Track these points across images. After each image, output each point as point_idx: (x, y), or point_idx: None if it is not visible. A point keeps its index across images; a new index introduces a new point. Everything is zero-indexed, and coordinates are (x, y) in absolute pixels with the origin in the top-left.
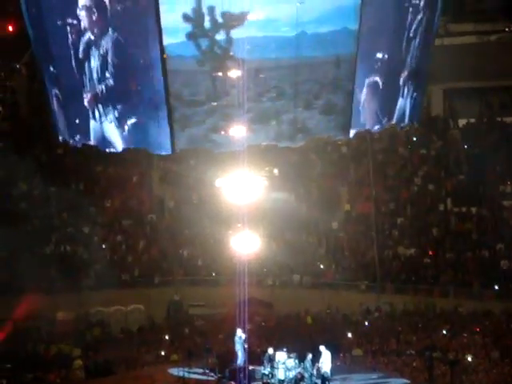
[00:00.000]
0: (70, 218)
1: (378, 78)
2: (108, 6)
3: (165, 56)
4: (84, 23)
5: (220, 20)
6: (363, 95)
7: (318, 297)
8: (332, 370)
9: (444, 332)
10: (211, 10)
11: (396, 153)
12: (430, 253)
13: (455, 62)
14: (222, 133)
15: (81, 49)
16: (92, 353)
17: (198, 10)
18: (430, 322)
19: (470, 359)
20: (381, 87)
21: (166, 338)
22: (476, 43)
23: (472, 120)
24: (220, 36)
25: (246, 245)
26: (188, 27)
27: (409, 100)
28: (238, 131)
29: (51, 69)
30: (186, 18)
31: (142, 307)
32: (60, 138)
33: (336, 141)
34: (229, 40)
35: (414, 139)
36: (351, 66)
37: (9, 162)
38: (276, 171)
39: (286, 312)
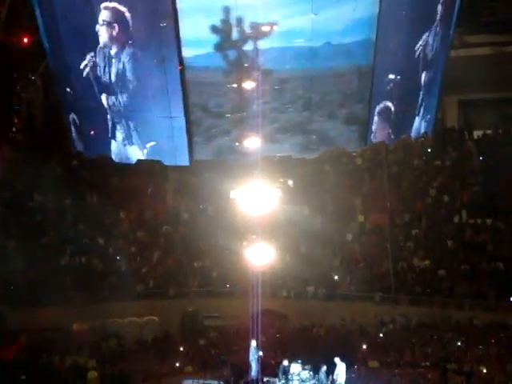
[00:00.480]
0: (85, 230)
1: (389, 104)
2: (129, 20)
3: (180, 67)
4: (104, 40)
5: (248, 31)
6: (375, 121)
7: (332, 308)
8: (347, 381)
9: (459, 344)
10: (240, 20)
11: (411, 164)
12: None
13: (470, 73)
14: (248, 143)
15: (100, 69)
16: (107, 364)
17: (226, 21)
18: (445, 334)
19: (485, 371)
20: (393, 112)
21: (181, 349)
22: (491, 54)
23: (487, 131)
24: (248, 47)
25: (260, 256)
26: (215, 38)
27: (423, 118)
28: (264, 142)
29: (68, 90)
30: (214, 29)
31: (157, 319)
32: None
33: (350, 152)
34: (256, 51)
35: (429, 151)
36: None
37: (24, 174)
38: (290, 182)
39: (301, 324)
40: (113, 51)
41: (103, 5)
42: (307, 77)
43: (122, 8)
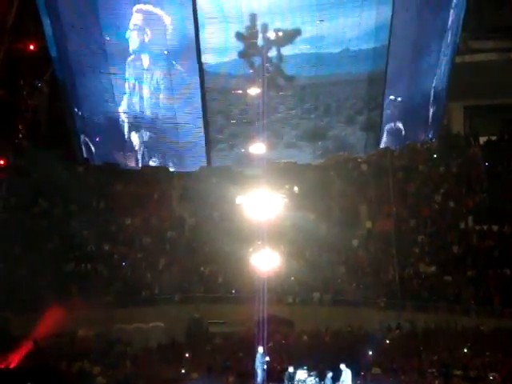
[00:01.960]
0: (91, 236)
1: (400, 125)
2: (165, 24)
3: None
4: (133, 47)
5: (272, 37)
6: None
7: (338, 314)
8: None
9: (465, 350)
10: (265, 27)
11: (416, 170)
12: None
13: (475, 79)
14: (268, 150)
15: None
16: (113, 370)
17: (252, 27)
18: (451, 341)
19: (491, 378)
20: (403, 133)
21: (186, 355)
22: (496, 60)
23: (493, 137)
24: (272, 53)
25: (266, 262)
26: (240, 46)
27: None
28: (285, 148)
29: (76, 110)
30: (238, 36)
31: (163, 324)
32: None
33: (356, 158)
34: (279, 57)
35: (435, 156)
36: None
37: (30, 180)
38: (296, 189)
39: (307, 330)
40: (145, 63)
41: (136, 7)
42: (326, 83)
43: (159, 11)
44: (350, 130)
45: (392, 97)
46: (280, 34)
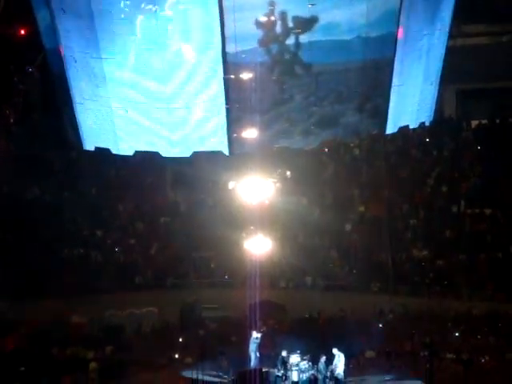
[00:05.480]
0: (84, 222)
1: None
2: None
3: None
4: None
5: (291, 25)
6: None
7: (331, 299)
8: (346, 372)
9: (457, 334)
10: (283, 14)
11: (409, 154)
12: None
13: (467, 62)
14: (287, 137)
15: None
16: (106, 356)
17: (270, 15)
18: (443, 324)
19: (484, 361)
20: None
21: (180, 340)
22: (488, 44)
23: (485, 121)
24: (290, 41)
25: (259, 247)
26: (259, 33)
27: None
28: (301, 136)
29: (68, 96)
30: (258, 24)
31: (156, 310)
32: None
33: (348, 142)
34: (297, 45)
35: (427, 140)
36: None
37: (21, 167)
38: (288, 173)
39: (300, 314)
40: None
41: None
42: (338, 70)
43: None
44: (359, 117)
45: (396, 83)
46: (298, 21)
